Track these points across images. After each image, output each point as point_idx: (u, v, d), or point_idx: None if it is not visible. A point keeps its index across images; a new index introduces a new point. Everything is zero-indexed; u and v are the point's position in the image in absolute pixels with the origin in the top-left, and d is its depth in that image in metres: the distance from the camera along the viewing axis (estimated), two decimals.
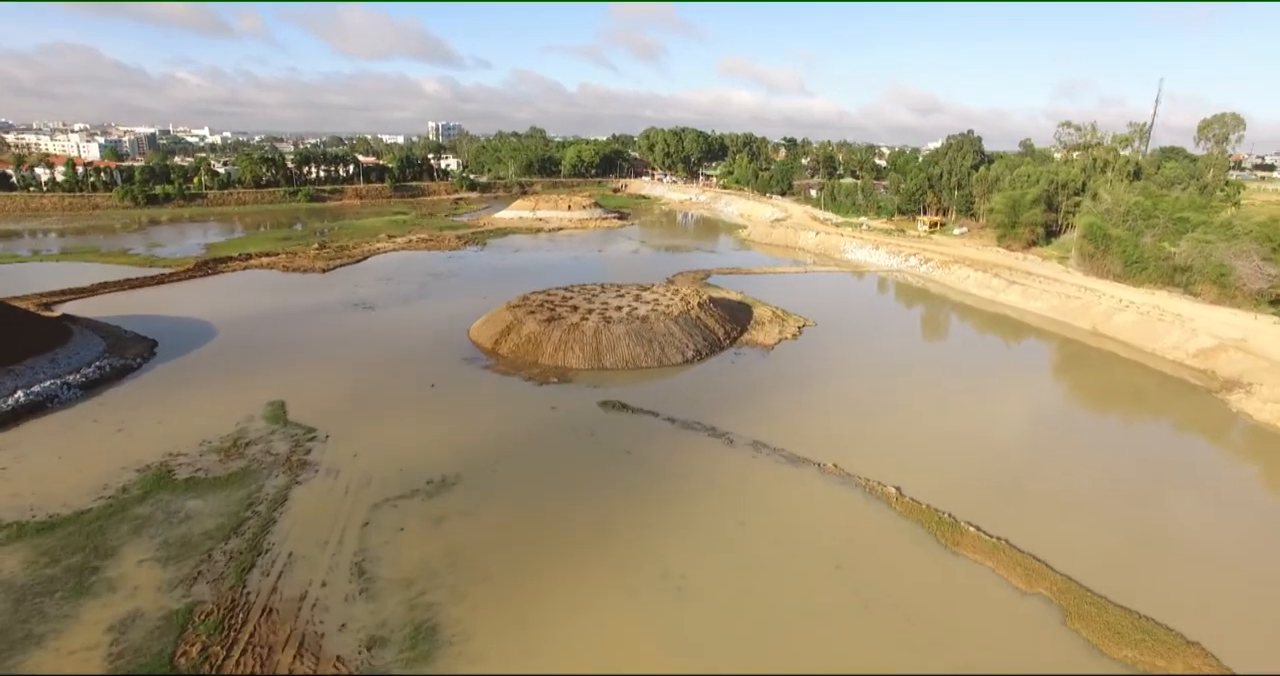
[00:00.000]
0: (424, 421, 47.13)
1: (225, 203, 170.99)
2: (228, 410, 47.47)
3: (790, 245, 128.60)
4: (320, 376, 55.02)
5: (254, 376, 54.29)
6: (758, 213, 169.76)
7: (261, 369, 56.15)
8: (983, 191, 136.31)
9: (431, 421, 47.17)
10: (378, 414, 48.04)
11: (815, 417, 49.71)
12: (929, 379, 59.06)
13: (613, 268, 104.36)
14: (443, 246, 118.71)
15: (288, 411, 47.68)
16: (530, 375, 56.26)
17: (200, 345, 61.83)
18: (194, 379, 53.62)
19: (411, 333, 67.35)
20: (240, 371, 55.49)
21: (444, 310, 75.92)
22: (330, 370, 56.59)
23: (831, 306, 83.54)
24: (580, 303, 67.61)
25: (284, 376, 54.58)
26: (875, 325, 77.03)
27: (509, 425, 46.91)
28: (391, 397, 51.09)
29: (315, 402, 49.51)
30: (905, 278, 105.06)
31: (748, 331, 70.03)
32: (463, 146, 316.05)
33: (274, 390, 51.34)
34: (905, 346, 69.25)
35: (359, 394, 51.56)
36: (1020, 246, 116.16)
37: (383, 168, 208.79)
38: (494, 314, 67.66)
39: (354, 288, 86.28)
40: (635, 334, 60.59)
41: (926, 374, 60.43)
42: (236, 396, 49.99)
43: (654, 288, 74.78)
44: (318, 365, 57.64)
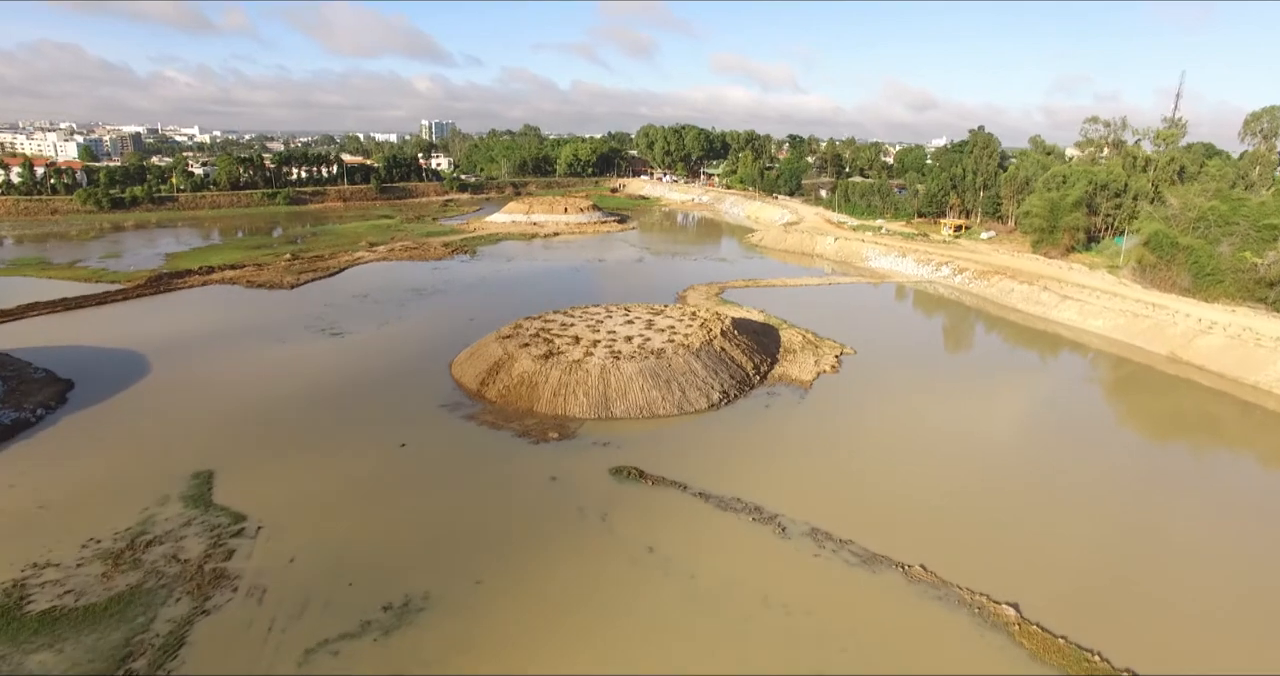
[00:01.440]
0: (388, 501, 36.86)
1: (198, 206, 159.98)
2: (136, 487, 37.13)
3: (807, 252, 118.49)
4: (265, 433, 44.66)
5: (181, 435, 43.90)
6: (766, 215, 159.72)
7: (193, 423, 45.75)
8: (1011, 192, 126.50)
9: (398, 502, 36.91)
10: (330, 490, 37.77)
11: (881, 490, 39.58)
12: (1006, 430, 49.04)
13: (616, 280, 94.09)
14: (428, 255, 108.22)
15: (215, 488, 37.36)
16: (524, 428, 46.01)
17: (124, 387, 51.35)
18: (104, 438, 43.19)
19: (382, 368, 57.01)
20: (165, 427, 45.07)
21: (423, 337, 65.59)
22: (279, 424, 46.22)
23: (867, 327, 73.45)
24: (583, 331, 57.37)
25: (219, 434, 44.22)
26: (923, 353, 66.95)
27: (497, 508, 36.68)
28: (350, 464, 40.81)
29: (253, 473, 39.21)
30: (937, 289, 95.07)
31: (779, 363, 59.92)
32: (455, 145, 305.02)
33: (203, 455, 41.03)
34: (964, 382, 59.20)
35: (310, 459, 41.24)
36: (1059, 253, 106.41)
37: (368, 168, 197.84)
38: (481, 345, 57.35)
39: (323, 307, 75.82)
40: (650, 373, 50.39)
41: (1001, 423, 50.40)
42: (152, 465, 39.64)
43: (667, 310, 64.57)
44: (264, 416, 47.25)
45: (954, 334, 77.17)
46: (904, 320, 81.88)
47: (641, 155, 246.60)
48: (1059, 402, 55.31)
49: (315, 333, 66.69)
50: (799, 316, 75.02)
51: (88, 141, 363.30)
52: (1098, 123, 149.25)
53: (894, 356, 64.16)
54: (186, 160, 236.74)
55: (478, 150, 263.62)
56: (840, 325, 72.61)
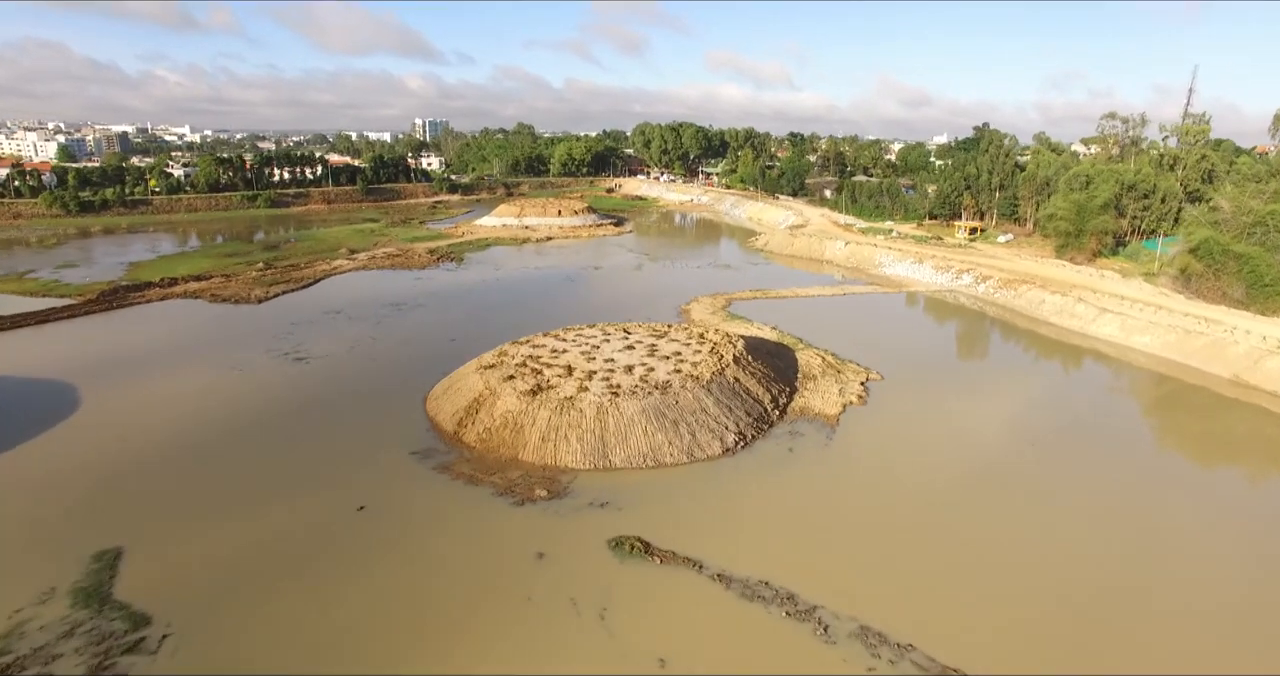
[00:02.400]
0: (336, 592, 29.74)
1: (173, 210, 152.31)
2: (14, 576, 29.92)
3: (816, 257, 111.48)
4: (198, 493, 37.48)
5: (91, 498, 36.68)
6: (769, 216, 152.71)
7: (110, 481, 38.52)
8: (1029, 193, 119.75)
9: (347, 593, 29.78)
10: (265, 572, 30.64)
11: (939, 571, 32.60)
12: (1077, 481, 42.11)
13: (613, 291, 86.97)
14: (411, 263, 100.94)
15: (119, 574, 30.19)
16: (506, 483, 38.89)
17: (39, 431, 44.08)
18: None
19: (348, 403, 49.84)
20: (72, 487, 37.80)
21: (398, 363, 58.42)
22: (217, 479, 39.05)
23: (890, 345, 66.52)
24: (576, 359, 50.22)
25: (140, 495, 37.04)
26: (956, 377, 59.97)
27: (469, 599, 29.58)
28: (295, 535, 33.67)
29: (173, 551, 32.07)
30: (959, 299, 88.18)
31: (798, 393, 52.89)
32: (447, 144, 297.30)
33: (113, 525, 33.85)
34: (1011, 414, 52.26)
35: (247, 529, 34.07)
36: (1085, 258, 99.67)
37: (354, 169, 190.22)
38: (460, 376, 50.18)
39: (290, 326, 68.55)
40: (655, 413, 43.32)
41: (1067, 471, 43.47)
42: (44, 543, 32.46)
43: (672, 332, 57.46)
44: (201, 469, 40.08)
45: (985, 352, 70.18)
46: (929, 336, 74.88)
47: (638, 154, 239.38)
48: (1129, 446, 48.29)
49: (277, 357, 59.44)
50: (814, 333, 68.07)
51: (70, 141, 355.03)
52: (1115, 119, 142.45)
53: (925, 382, 57.18)
54: (167, 161, 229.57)
55: (469, 149, 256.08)
56: (860, 343, 65.67)
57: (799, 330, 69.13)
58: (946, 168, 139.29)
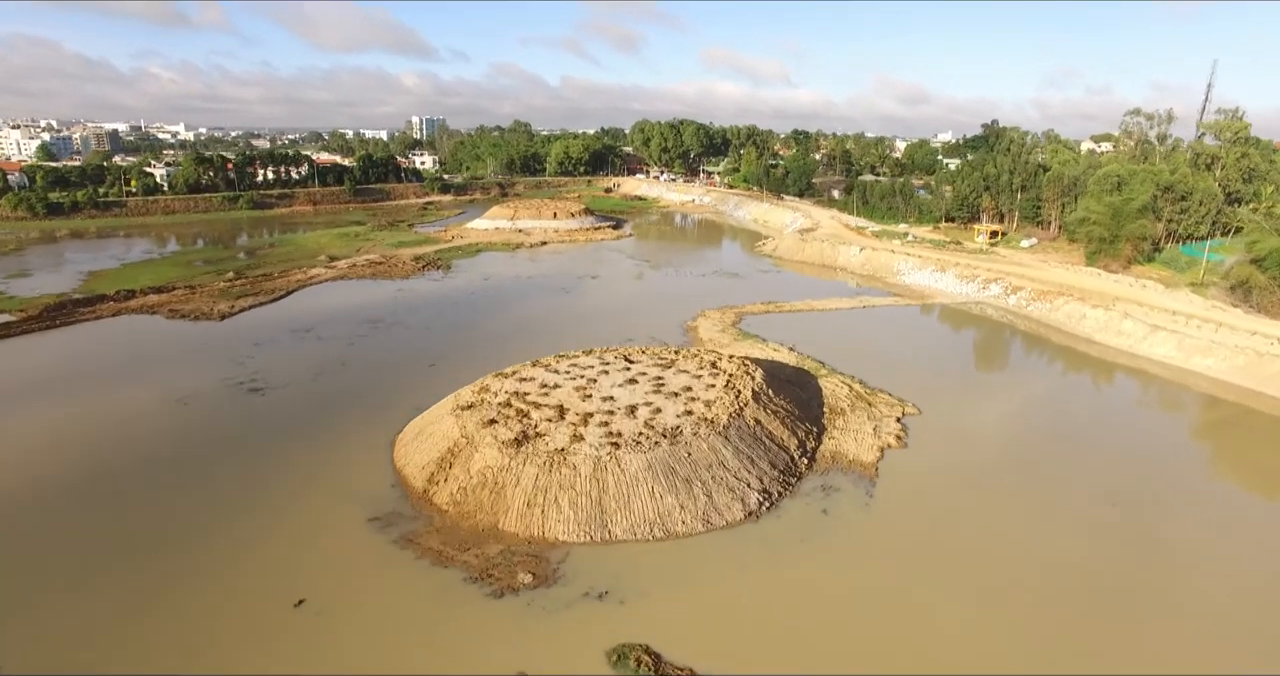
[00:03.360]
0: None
1: (149, 212, 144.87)
2: None
3: (829, 264, 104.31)
4: (98, 585, 30.30)
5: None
6: (775, 218, 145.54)
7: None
8: (1054, 195, 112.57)
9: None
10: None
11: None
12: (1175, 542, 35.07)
13: (612, 305, 79.75)
14: (394, 272, 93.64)
15: None
16: (483, 563, 31.73)
17: None
18: None
19: (302, 450, 42.65)
20: None
21: (367, 395, 51.18)
22: (130, 560, 31.86)
23: (922, 370, 59.46)
24: (570, 396, 43.01)
25: (15, 592, 29.85)
26: (1002, 410, 52.78)
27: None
28: (205, 646, 26.50)
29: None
30: (987, 312, 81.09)
31: (827, 432, 45.78)
32: (441, 142, 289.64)
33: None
34: (1077, 459, 45.20)
35: (147, 636, 26.90)
36: (1119, 266, 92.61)
37: (342, 168, 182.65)
38: (434, 418, 42.96)
39: (252, 347, 61.31)
40: (664, 468, 36.19)
41: (1160, 531, 36.42)
42: None
43: (680, 359, 50.24)
44: (109, 547, 32.87)
45: (1029, 378, 62.92)
46: (962, 358, 67.74)
47: (637, 152, 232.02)
48: (1246, 510, 41.28)
49: (230, 387, 52.19)
50: (836, 354, 60.98)
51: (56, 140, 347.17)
52: (1139, 115, 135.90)
53: (968, 417, 50.08)
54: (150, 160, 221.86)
55: (463, 148, 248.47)
56: (889, 367, 58.61)
57: (819, 351, 62.04)
58: (964, 167, 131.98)
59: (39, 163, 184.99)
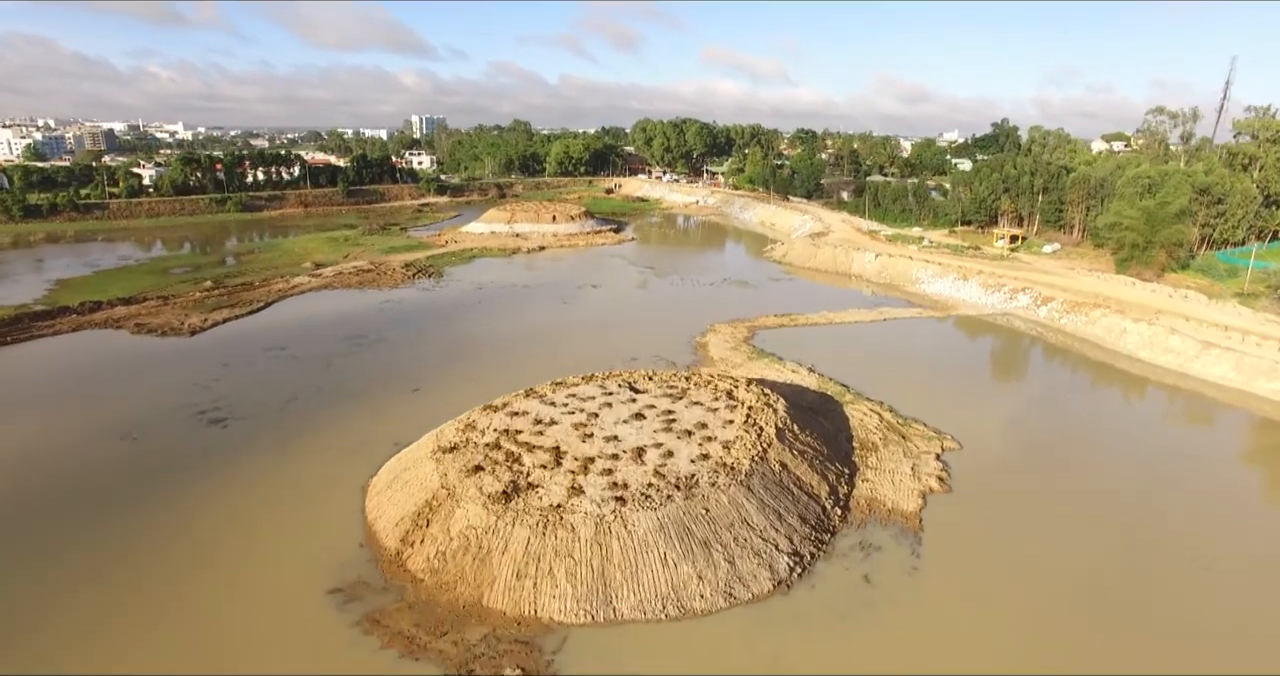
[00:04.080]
0: None
1: (133, 215, 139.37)
2: None
3: (843, 271, 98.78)
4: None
5: None
6: (783, 221, 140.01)
7: None
8: (1079, 198, 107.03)
9: None
10: None
11: None
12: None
13: (614, 319, 74.31)
14: (382, 281, 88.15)
15: None
16: (462, 653, 26.27)
17: None
18: None
19: (260, 499, 37.19)
20: None
21: (341, 428, 45.72)
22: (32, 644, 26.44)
23: (955, 393, 54.00)
24: (568, 434, 37.55)
25: None
26: (1053, 441, 47.19)
27: None
28: None
29: None
30: (1017, 325, 75.60)
31: (860, 472, 40.34)
32: (439, 141, 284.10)
33: None
34: (1142, 507, 39.76)
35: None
36: (1153, 274, 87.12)
37: (335, 169, 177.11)
38: (411, 461, 37.49)
39: (220, 369, 55.89)
40: (678, 529, 30.75)
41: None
42: None
43: (692, 388, 44.73)
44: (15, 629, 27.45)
45: (1076, 404, 57.06)
46: (998, 380, 62.19)
47: (639, 152, 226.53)
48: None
49: (189, 417, 46.75)
50: (861, 375, 55.56)
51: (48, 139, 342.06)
52: (1163, 114, 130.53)
53: (1015, 452, 44.62)
54: (139, 160, 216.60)
55: (461, 147, 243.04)
56: (920, 391, 53.20)
57: (841, 371, 56.60)
58: (981, 167, 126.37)
59: (21, 163, 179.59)
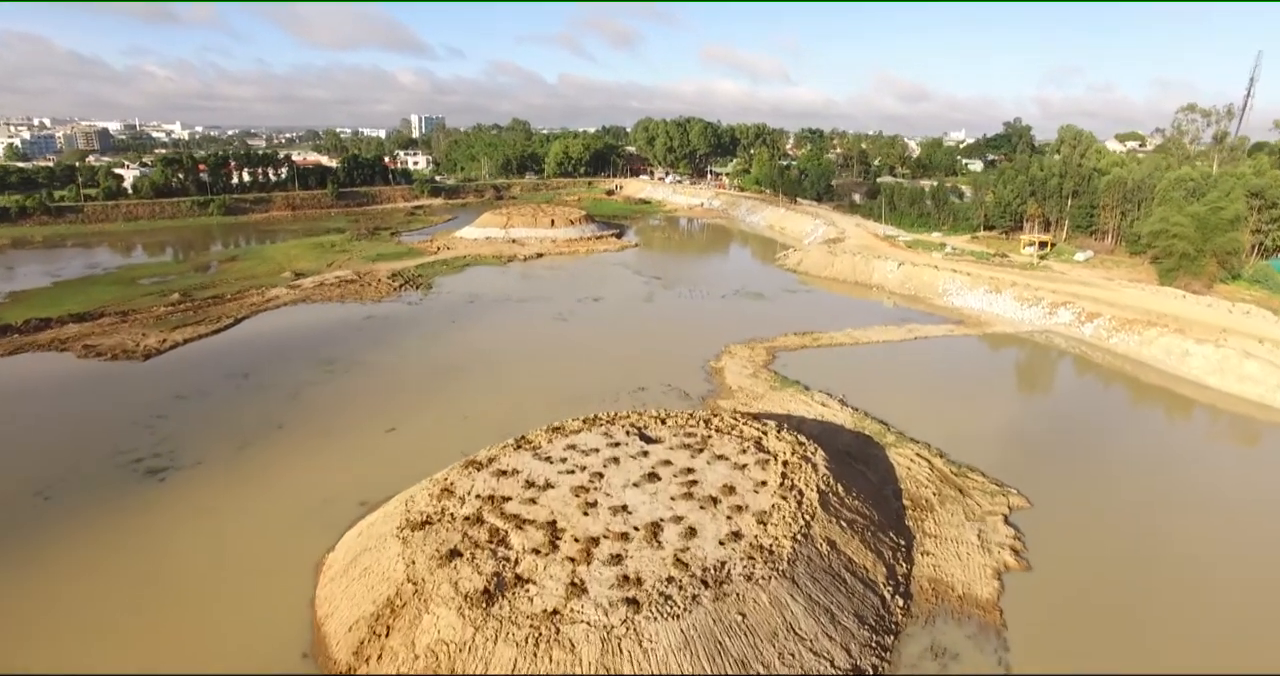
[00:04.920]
0: None
1: (109, 218, 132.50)
2: None
3: (863, 281, 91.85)
4: None
5: None
6: (793, 225, 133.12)
7: None
8: (1113, 202, 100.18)
9: None
10: None
11: None
12: None
13: (618, 338, 67.45)
14: (365, 293, 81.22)
15: None
16: None
17: None
18: None
19: (194, 580, 30.33)
20: None
21: (300, 482, 38.82)
22: None
23: (1013, 431, 47.14)
24: (566, 502, 30.67)
25: None
26: (1137, 493, 40.30)
27: None
28: None
29: None
30: (1060, 343, 68.78)
31: (917, 541, 33.48)
32: (438, 141, 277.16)
33: None
34: None
35: None
36: (1203, 285, 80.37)
37: (325, 170, 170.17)
38: (373, 539, 30.57)
39: (171, 402, 49.01)
40: (707, 642, 23.91)
41: None
42: None
43: (715, 435, 37.77)
44: None
45: (1153, 443, 49.95)
46: (1054, 412, 54.59)
47: (641, 152, 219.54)
48: None
49: (121, 467, 39.86)
50: (900, 408, 48.77)
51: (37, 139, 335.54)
52: (1194, 112, 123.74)
53: (1097, 511, 37.72)
54: (124, 160, 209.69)
55: (457, 147, 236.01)
56: (969, 428, 46.44)
57: (877, 403, 49.75)
58: (1005, 169, 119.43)
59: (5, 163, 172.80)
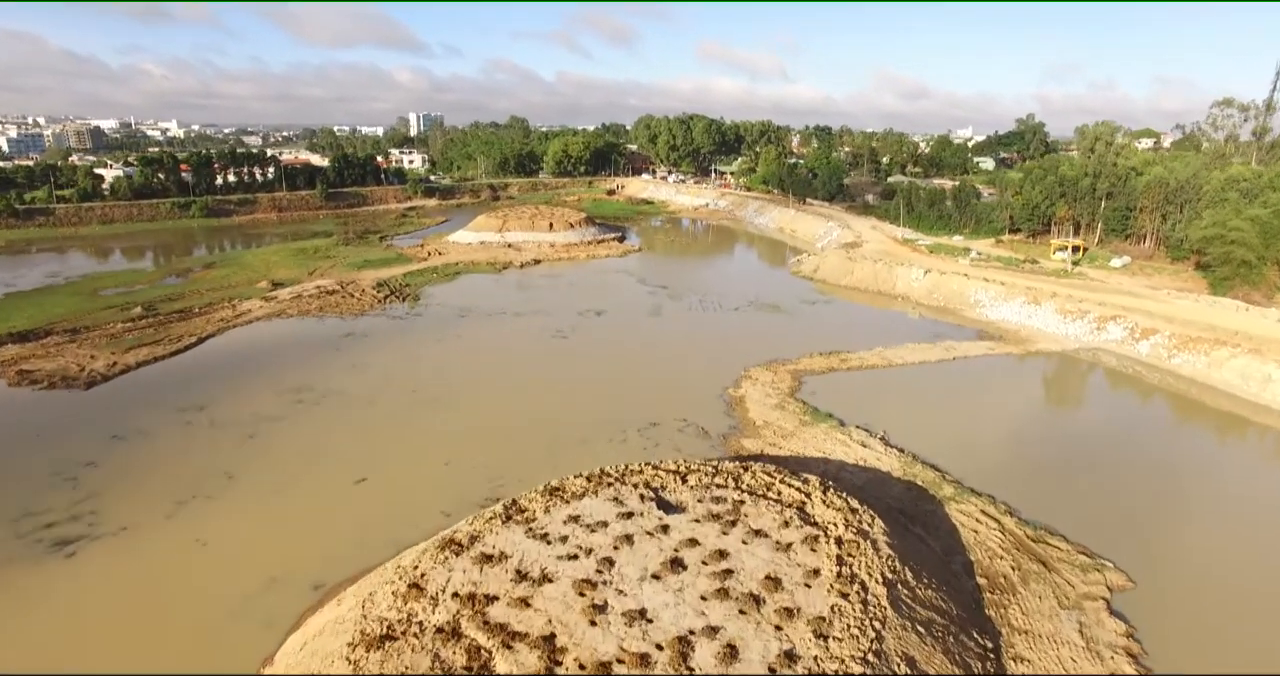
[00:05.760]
0: None
1: (82, 221, 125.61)
2: None
3: (885, 291, 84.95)
4: None
5: None
6: (805, 228, 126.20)
7: None
8: (1152, 203, 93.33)
9: None
10: None
11: None
12: None
13: (623, 360, 60.55)
14: (347, 306, 74.31)
15: None
16: None
17: None
18: None
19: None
20: None
21: (243, 553, 31.98)
22: None
23: (1083, 475, 40.34)
24: (567, 606, 23.88)
25: None
26: (1261, 568, 33.54)
27: None
28: None
29: None
30: (1106, 360, 62.13)
31: (1003, 641, 26.67)
32: (434, 139, 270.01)
33: None
34: None
35: None
36: (1262, 296, 73.63)
37: (314, 170, 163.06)
38: (319, 659, 23.74)
39: (107, 443, 42.17)
40: None
41: None
42: None
43: (748, 499, 30.92)
44: None
45: (1260, 499, 43.39)
46: (1130, 452, 46.83)
47: (642, 150, 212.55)
48: None
49: (20, 541, 32.92)
50: (952, 449, 42.10)
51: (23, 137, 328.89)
52: (1231, 107, 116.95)
53: (1220, 591, 30.95)
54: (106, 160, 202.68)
55: (454, 145, 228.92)
56: (1036, 473, 39.71)
57: (924, 442, 42.98)
58: (1032, 168, 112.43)
59: None
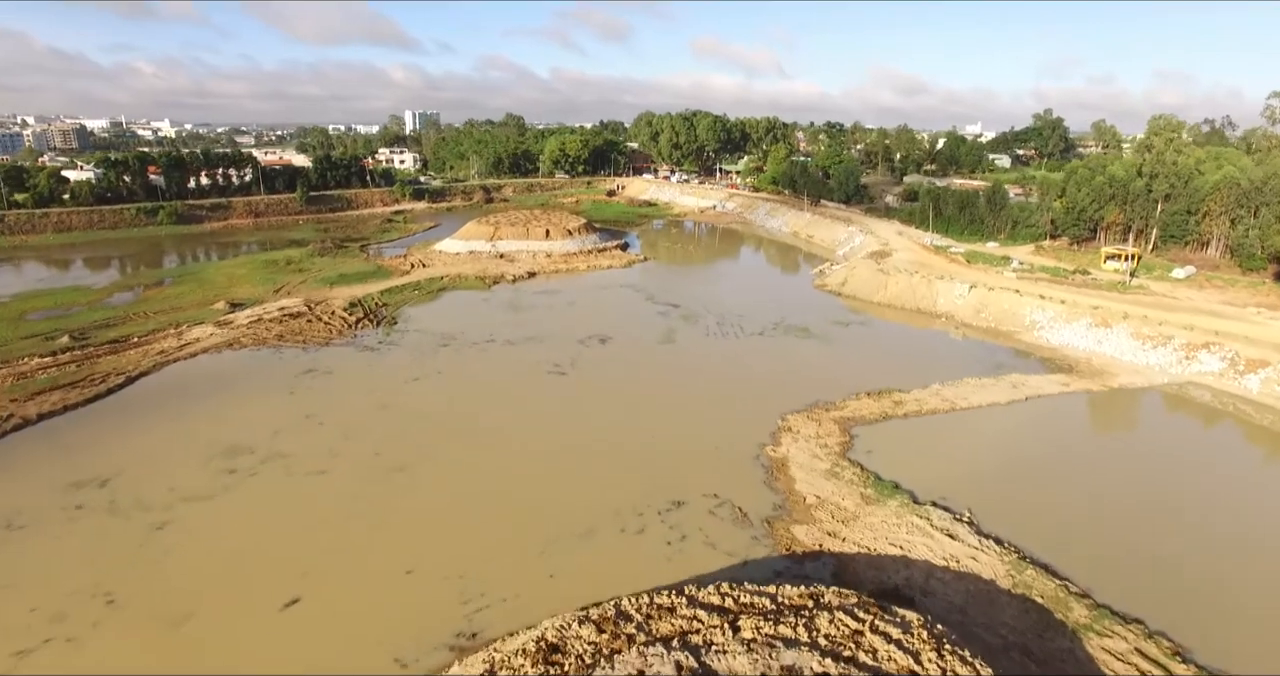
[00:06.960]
0: None
1: (35, 229, 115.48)
2: None
3: (926, 309, 75.02)
4: None
5: None
6: (823, 234, 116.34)
7: None
8: (1221, 207, 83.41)
9: None
10: None
11: None
12: None
13: (634, 407, 50.42)
14: (312, 333, 64.26)
15: None
16: None
17: None
18: None
19: None
20: None
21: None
22: None
23: (1244, 581, 30.60)
24: None
25: None
26: None
27: None
28: None
29: None
30: (1206, 399, 52.31)
31: None
32: (428, 137, 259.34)
33: None
34: None
35: None
36: None
37: (295, 171, 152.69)
38: None
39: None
40: None
41: None
42: None
43: (829, 669, 21.07)
44: None
45: None
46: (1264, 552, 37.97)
47: (644, 148, 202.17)
48: None
49: None
50: (1063, 536, 32.31)
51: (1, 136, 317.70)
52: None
53: None
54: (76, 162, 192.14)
55: (446, 144, 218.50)
56: (1187, 583, 29.86)
57: (1027, 528, 33.25)
58: (1078, 168, 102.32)
59: None
